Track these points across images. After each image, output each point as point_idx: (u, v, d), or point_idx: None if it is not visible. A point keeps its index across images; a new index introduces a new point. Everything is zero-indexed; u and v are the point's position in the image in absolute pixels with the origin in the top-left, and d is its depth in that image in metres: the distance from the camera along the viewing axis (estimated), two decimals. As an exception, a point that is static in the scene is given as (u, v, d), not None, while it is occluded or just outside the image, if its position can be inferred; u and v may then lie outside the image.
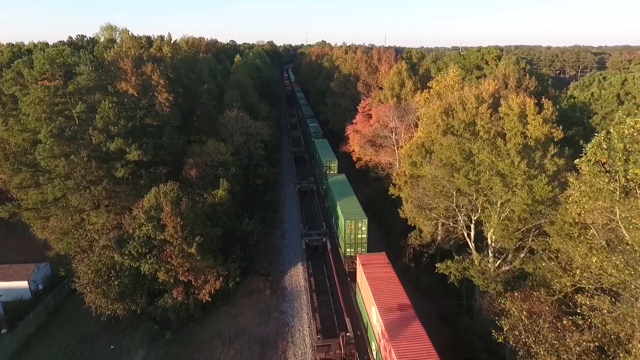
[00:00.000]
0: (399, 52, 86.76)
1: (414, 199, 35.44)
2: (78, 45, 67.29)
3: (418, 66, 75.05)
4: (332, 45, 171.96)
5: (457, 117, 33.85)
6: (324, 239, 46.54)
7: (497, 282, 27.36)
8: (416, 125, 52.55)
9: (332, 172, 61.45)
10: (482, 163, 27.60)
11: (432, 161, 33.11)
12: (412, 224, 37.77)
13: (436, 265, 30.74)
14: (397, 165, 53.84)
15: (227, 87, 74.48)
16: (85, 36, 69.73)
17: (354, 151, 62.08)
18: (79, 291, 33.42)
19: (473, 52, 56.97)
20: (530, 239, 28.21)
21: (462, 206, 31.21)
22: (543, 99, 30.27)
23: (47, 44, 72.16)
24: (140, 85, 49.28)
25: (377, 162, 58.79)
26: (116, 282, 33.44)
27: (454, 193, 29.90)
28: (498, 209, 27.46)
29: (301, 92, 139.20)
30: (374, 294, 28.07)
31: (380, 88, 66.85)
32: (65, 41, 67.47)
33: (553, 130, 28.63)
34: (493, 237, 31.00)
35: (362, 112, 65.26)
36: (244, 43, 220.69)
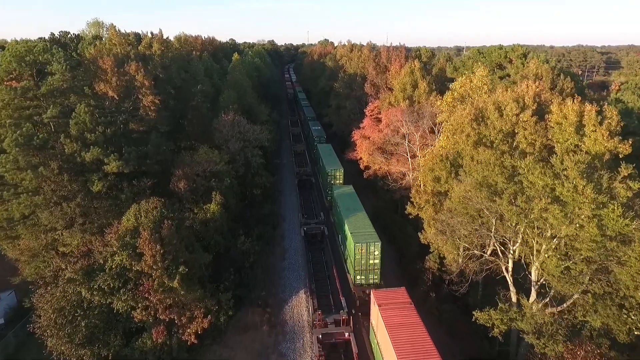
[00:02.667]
0: (407, 52, 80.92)
1: (438, 222, 29.83)
2: (61, 42, 61.69)
3: (429, 65, 69.48)
4: (335, 45, 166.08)
5: (492, 126, 28.24)
6: (347, 334, 30.85)
7: (557, 342, 21.78)
8: (432, 132, 47.09)
9: (338, 181, 55.87)
10: (532, 186, 22.00)
11: (463, 179, 27.50)
12: (439, 253, 32.17)
13: (474, 313, 25.13)
14: (410, 175, 48.34)
15: (225, 87, 68.95)
16: (69, 32, 64.03)
17: (361, 159, 56.58)
18: (39, 334, 27.82)
19: (495, 50, 51.38)
20: (587, 277, 22.61)
21: (500, 235, 25.60)
22: (605, 106, 24.66)
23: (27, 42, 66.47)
24: (122, 86, 43.71)
25: (387, 171, 53.27)
26: (83, 323, 27.92)
27: (493, 221, 24.29)
28: (553, 243, 21.85)
29: (302, 92, 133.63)
30: (397, 350, 22.53)
31: (390, 89, 61.28)
32: (46, 38, 61.76)
33: (620, 145, 23.02)
34: (539, 274, 25.47)
35: (370, 115, 59.70)
36: (245, 42, 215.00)
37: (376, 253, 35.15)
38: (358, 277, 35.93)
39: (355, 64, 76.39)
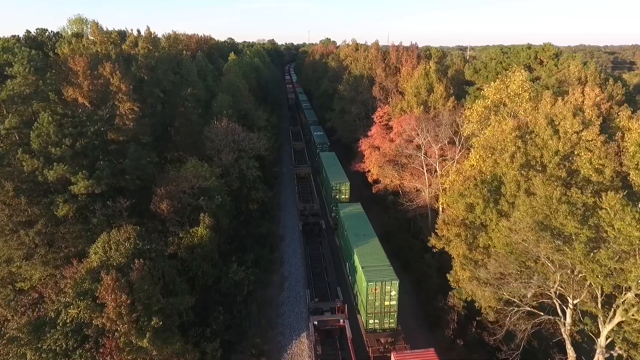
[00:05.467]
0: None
1: (472, 262, 23.99)
2: (38, 40, 55.87)
3: (441, 66, 63.57)
4: (337, 44, 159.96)
5: (544, 146, 22.38)
6: None
7: None
8: (452, 142, 41.30)
9: (344, 196, 50.01)
10: (622, 236, 16.15)
11: (508, 213, 21.65)
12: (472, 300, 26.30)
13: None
14: (426, 192, 42.53)
15: (219, 90, 63.07)
16: (47, 30, 58.22)
17: (369, 171, 50.81)
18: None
19: (522, 50, 45.49)
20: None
21: (562, 289, 19.79)
22: None
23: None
24: (97, 90, 37.91)
25: (398, 185, 47.50)
26: (28, 395, 22.12)
27: (557, 276, 18.46)
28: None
29: (304, 93, 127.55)
30: None
31: (401, 93, 55.47)
32: (20, 36, 55.89)
33: None
34: (607, 336, 19.68)
35: (379, 122, 53.85)
36: (244, 41, 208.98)
37: (393, 293, 29.30)
38: (371, 321, 30.10)
39: (362, 65, 70.52)
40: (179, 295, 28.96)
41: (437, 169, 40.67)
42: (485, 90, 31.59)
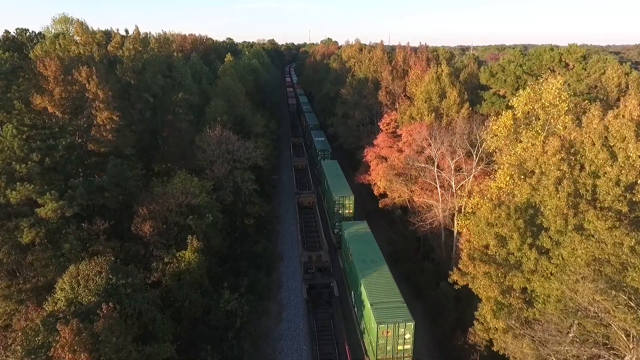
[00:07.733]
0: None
1: (506, 308, 19.87)
2: (17, 41, 51.83)
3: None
4: (339, 44, 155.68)
5: (596, 172, 18.24)
6: None
7: None
8: (468, 155, 37.21)
9: (348, 211, 45.82)
10: None
11: (552, 256, 17.51)
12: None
13: None
14: (439, 209, 38.39)
15: (213, 94, 58.92)
16: (28, 30, 54.23)
17: (375, 184, 46.68)
18: None
19: (545, 51, 41.24)
20: None
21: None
22: None
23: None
24: (71, 98, 33.75)
25: (407, 200, 43.43)
26: None
27: (633, 352, 14.35)
28: None
29: (304, 95, 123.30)
30: None
31: (409, 98, 51.32)
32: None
33: None
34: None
35: (386, 130, 49.73)
36: (244, 41, 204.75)
37: (407, 337, 25.21)
38: (381, 367, 25.97)
39: (366, 67, 66.29)
40: (159, 339, 24.89)
41: (452, 185, 36.54)
42: (513, 100, 27.47)
